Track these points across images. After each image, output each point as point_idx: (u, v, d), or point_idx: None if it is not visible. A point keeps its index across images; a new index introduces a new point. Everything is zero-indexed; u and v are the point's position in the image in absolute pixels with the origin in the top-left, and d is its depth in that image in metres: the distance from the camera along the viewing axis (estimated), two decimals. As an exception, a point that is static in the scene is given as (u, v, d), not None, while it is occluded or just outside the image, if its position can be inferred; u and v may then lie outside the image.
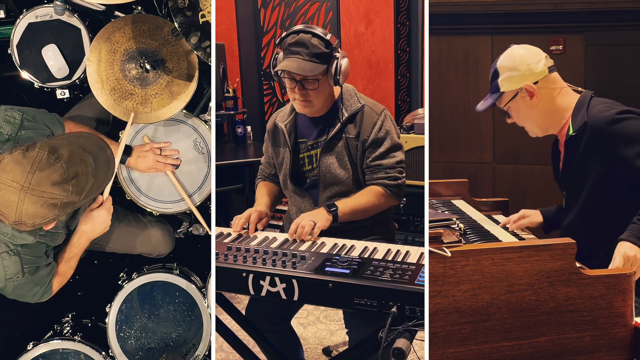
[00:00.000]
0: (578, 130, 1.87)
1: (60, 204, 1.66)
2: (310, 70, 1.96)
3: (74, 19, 2.33)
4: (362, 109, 2.06)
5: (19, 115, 1.92)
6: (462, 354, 1.59)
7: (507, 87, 1.95)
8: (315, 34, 1.97)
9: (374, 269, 1.59)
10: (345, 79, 2.03)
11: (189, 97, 2.24)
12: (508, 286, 1.58)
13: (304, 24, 2.02)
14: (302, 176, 2.15)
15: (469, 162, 3.55)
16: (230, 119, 4.24)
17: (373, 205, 2.03)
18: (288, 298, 1.60)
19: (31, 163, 1.63)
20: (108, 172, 1.81)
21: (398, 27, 4.05)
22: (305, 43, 1.96)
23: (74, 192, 1.67)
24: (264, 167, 2.32)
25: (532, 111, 1.96)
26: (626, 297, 1.61)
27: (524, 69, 1.92)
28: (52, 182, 1.63)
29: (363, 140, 2.03)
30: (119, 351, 2.38)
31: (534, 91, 1.92)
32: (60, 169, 1.64)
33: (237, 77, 4.68)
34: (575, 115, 1.92)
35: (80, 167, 1.68)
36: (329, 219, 1.95)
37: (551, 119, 1.98)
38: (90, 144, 1.76)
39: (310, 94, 2.00)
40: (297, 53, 1.96)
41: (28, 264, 1.93)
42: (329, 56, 1.98)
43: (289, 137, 2.12)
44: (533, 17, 3.29)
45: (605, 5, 3.15)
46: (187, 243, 2.60)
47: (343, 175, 2.05)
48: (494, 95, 1.99)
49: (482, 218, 2.21)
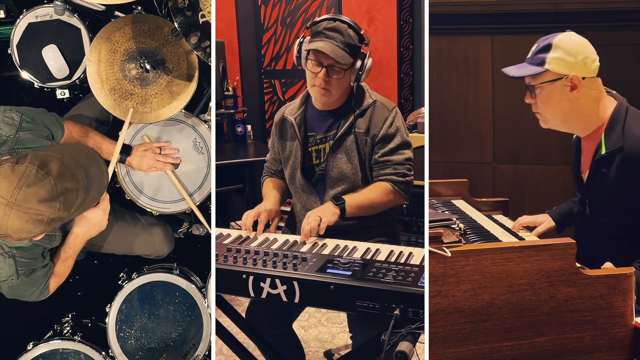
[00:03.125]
0: (611, 152, 1.79)
1: (47, 220, 1.61)
2: (342, 57, 1.96)
3: (74, 19, 2.33)
4: (373, 104, 2.06)
5: (17, 116, 1.90)
6: (462, 354, 1.59)
7: (555, 67, 1.80)
8: (351, 26, 2.00)
9: (376, 271, 1.58)
10: (365, 78, 2.04)
11: (188, 97, 2.24)
12: (508, 286, 1.58)
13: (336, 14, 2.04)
14: (309, 170, 2.13)
15: (469, 162, 3.55)
16: (230, 118, 4.22)
17: (380, 201, 2.01)
18: (289, 300, 1.58)
19: (19, 178, 1.57)
20: (101, 185, 1.78)
21: (401, 24, 4.04)
22: (342, 31, 1.97)
23: (61, 208, 1.62)
24: (270, 164, 2.29)
25: (564, 104, 1.84)
26: (626, 297, 1.61)
27: (580, 59, 1.80)
28: (38, 199, 1.58)
29: (373, 135, 2.02)
30: (119, 351, 2.38)
31: (578, 84, 1.79)
32: (48, 185, 1.58)
33: (237, 76, 4.67)
34: (609, 131, 1.82)
35: (71, 183, 1.62)
36: (336, 213, 1.94)
37: (582, 120, 1.88)
38: (83, 156, 1.72)
39: (332, 83, 2.00)
40: (332, 38, 1.97)
41: (23, 266, 1.91)
42: (359, 50, 2.00)
43: (299, 130, 2.11)
44: (533, 17, 3.29)
45: (605, 5, 3.15)
46: (187, 243, 2.60)
47: (350, 171, 2.04)
48: (534, 69, 1.83)
49: (482, 218, 2.21)
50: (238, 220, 4.44)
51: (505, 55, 3.36)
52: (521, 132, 3.43)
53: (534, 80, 1.86)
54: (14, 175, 1.58)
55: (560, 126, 1.93)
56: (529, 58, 1.88)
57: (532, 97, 1.89)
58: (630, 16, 3.16)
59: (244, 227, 1.99)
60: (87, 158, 1.73)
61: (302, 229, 1.91)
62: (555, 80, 1.82)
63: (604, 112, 1.85)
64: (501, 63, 3.37)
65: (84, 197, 1.67)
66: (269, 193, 2.17)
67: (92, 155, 1.77)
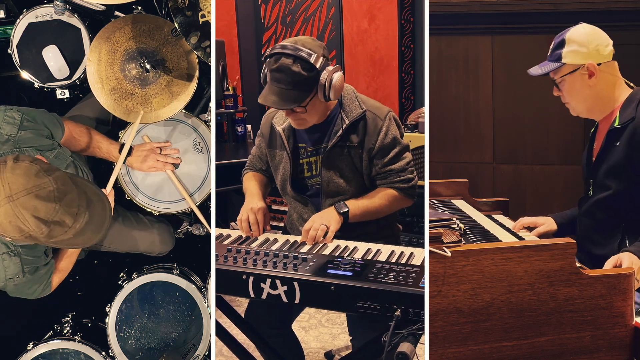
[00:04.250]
0: (624, 124, 1.90)
1: (26, 234, 1.58)
2: (294, 99, 1.83)
3: (74, 19, 2.33)
4: (363, 116, 1.95)
5: (18, 115, 1.91)
6: (462, 354, 1.59)
7: (571, 60, 1.94)
8: (298, 58, 1.80)
9: (377, 271, 1.57)
10: (337, 94, 1.88)
11: (189, 97, 2.24)
12: (508, 286, 1.58)
13: (291, 40, 1.85)
14: (302, 183, 2.05)
15: (469, 162, 3.55)
16: (230, 118, 4.20)
17: (385, 207, 1.97)
18: (289, 301, 1.58)
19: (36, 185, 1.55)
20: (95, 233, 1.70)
21: (402, 23, 4.02)
22: (285, 70, 1.81)
23: (44, 234, 1.58)
24: (254, 160, 2.19)
25: (585, 91, 1.95)
26: (626, 297, 1.62)
27: (592, 47, 1.92)
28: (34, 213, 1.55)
29: (369, 148, 1.94)
30: (119, 351, 2.38)
31: (595, 71, 1.92)
32: (52, 209, 1.56)
33: (237, 75, 4.66)
34: (624, 108, 1.93)
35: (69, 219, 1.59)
36: (339, 222, 1.89)
37: (601, 104, 1.98)
38: (99, 206, 1.67)
39: (301, 116, 1.91)
40: (278, 81, 1.82)
41: (28, 264, 1.92)
42: (314, 80, 1.83)
43: (288, 141, 2.01)
44: (533, 17, 3.29)
45: (605, 5, 3.15)
46: (187, 243, 2.60)
47: (346, 185, 1.98)
48: (553, 65, 1.97)
49: (482, 218, 2.21)
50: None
51: (505, 55, 3.36)
52: (521, 132, 3.43)
53: (556, 75, 1.99)
54: (34, 179, 1.56)
55: (586, 113, 2.04)
56: (549, 56, 2.01)
57: (559, 90, 2.01)
58: (630, 16, 3.17)
59: (245, 233, 1.95)
60: (101, 207, 1.69)
61: (305, 231, 1.86)
62: (574, 71, 1.94)
63: (620, 96, 1.97)
64: (501, 63, 3.38)
65: (69, 237, 1.63)
66: (252, 190, 2.07)
67: (105, 205, 1.71)
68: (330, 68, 1.86)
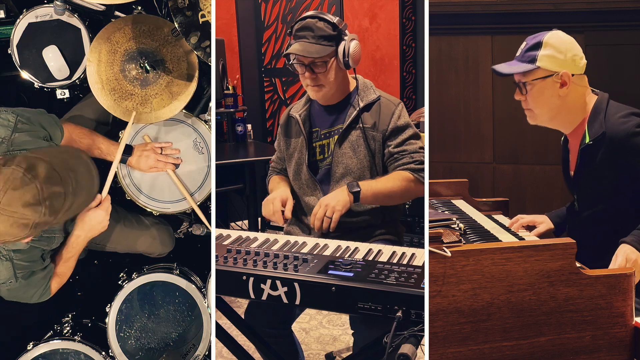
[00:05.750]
0: (595, 140, 1.84)
1: (32, 224, 1.58)
2: (316, 52, 1.97)
3: (74, 19, 2.33)
4: (378, 99, 2.07)
5: (13, 117, 1.88)
6: (462, 354, 1.59)
7: (546, 64, 1.85)
8: (320, 18, 2.00)
9: (378, 272, 1.56)
10: (355, 62, 2.02)
11: (189, 97, 2.24)
12: (508, 286, 1.59)
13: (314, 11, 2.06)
14: (313, 165, 2.14)
15: (469, 162, 3.56)
16: (230, 117, 4.20)
17: (399, 190, 1.98)
18: (290, 302, 1.57)
19: (5, 181, 1.53)
20: (91, 188, 1.74)
21: (403, 22, 4.02)
22: (311, 27, 1.99)
23: (47, 213, 1.58)
24: (275, 164, 2.31)
25: (554, 100, 1.89)
26: (626, 297, 1.62)
27: (569, 56, 1.86)
28: (23, 203, 1.54)
29: (382, 130, 2.03)
30: (119, 351, 2.38)
31: (568, 81, 1.86)
32: (34, 189, 1.55)
33: (237, 74, 4.66)
34: (592, 122, 1.88)
35: (58, 187, 1.59)
36: (349, 201, 1.92)
37: (568, 115, 1.93)
38: (73, 159, 1.68)
39: (320, 78, 2.02)
40: (303, 37, 1.99)
41: (21, 269, 1.91)
42: (335, 38, 2.00)
43: (304, 125, 2.13)
44: (533, 17, 3.29)
45: (605, 5, 3.16)
46: (187, 243, 2.60)
47: (356, 166, 2.04)
48: (526, 66, 1.88)
49: (482, 218, 2.21)
50: (238, 221, 4.44)
51: (505, 55, 3.34)
52: (521, 132, 3.43)
53: (524, 77, 1.90)
54: (0, 177, 1.55)
55: (548, 122, 1.97)
56: (519, 56, 1.92)
57: (523, 93, 1.93)
58: (630, 16, 3.17)
59: (277, 219, 2.01)
60: (76, 161, 1.70)
61: (313, 215, 1.92)
62: (547, 77, 1.87)
63: (587, 106, 1.92)
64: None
65: (72, 201, 1.63)
66: (279, 184, 2.19)
67: (81, 157, 1.73)
68: (349, 35, 2.02)
